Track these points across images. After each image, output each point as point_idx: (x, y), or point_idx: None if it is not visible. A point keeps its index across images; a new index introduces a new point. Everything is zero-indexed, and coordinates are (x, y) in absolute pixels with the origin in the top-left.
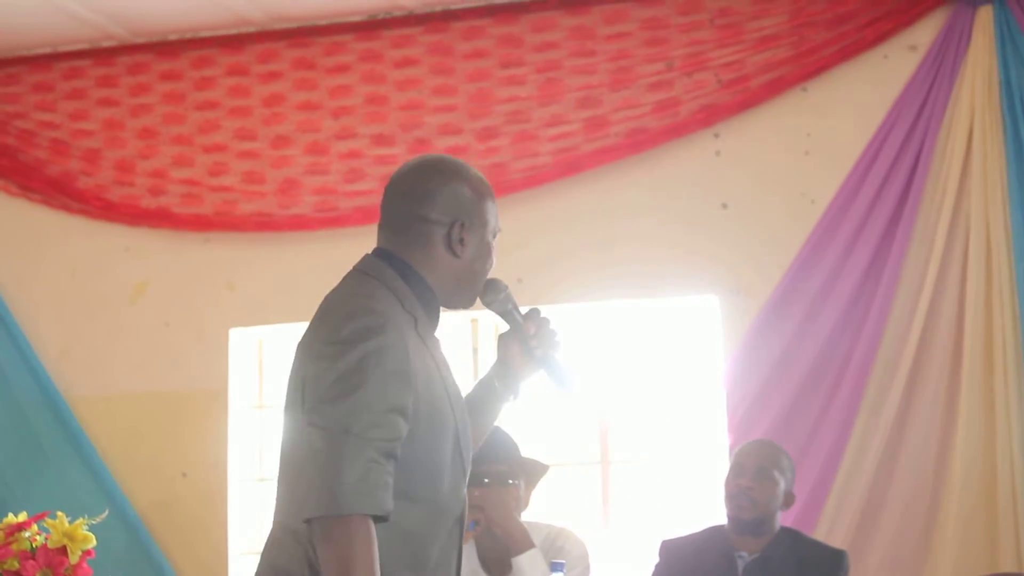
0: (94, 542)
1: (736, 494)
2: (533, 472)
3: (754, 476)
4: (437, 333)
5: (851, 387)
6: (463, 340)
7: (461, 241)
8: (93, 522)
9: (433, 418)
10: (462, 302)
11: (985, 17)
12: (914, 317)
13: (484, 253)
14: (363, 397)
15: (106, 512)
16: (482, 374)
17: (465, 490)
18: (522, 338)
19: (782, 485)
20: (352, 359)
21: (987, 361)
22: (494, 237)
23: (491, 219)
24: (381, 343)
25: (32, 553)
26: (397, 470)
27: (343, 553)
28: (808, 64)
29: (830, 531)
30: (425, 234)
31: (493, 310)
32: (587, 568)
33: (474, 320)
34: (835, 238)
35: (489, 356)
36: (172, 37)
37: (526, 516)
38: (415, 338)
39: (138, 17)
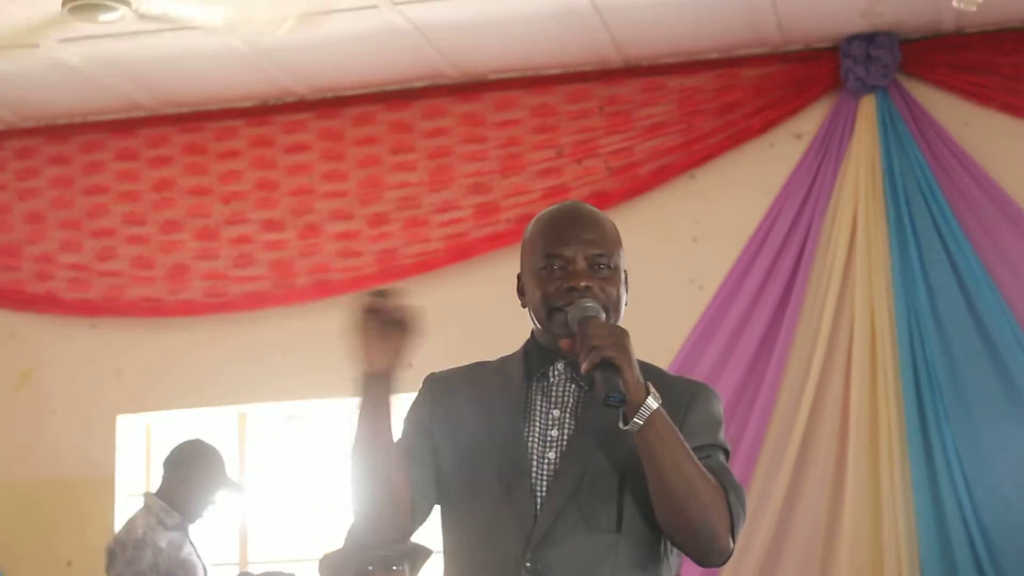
0: None
1: None
2: (416, 556)
3: None
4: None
5: (740, 472)
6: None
7: (522, 291)
8: None
9: (456, 459)
10: (551, 340)
11: (868, 106)
12: (801, 401)
13: (531, 291)
14: None
15: None
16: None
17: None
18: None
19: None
20: None
21: (872, 444)
22: (541, 269)
23: (532, 257)
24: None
25: None
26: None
27: None
28: (696, 152)
29: None
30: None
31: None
32: None
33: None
34: (723, 324)
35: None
36: (61, 121)
37: None
38: (480, 387)
39: (26, 101)
